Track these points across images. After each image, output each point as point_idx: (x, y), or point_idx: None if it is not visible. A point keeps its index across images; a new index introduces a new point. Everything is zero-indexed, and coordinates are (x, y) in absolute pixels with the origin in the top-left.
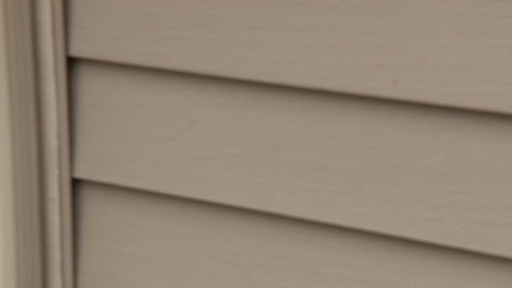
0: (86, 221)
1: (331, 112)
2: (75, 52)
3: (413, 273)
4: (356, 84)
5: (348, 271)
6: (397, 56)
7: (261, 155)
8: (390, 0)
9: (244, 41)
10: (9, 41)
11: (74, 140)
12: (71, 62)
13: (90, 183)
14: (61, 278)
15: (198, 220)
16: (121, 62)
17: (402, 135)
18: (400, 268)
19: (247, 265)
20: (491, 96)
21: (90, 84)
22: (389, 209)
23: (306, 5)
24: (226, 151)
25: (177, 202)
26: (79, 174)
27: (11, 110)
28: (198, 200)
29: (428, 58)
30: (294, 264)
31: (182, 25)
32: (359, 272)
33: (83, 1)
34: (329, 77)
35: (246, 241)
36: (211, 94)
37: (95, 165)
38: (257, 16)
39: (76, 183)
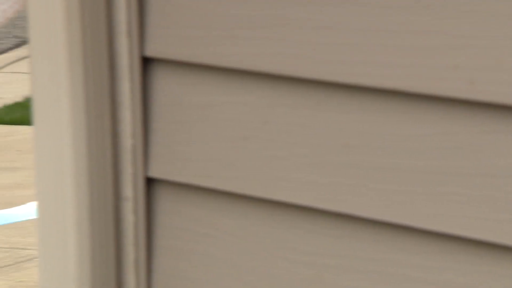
0: (160, 220)
1: (405, 113)
2: (150, 52)
3: (485, 275)
4: (431, 85)
5: (421, 273)
6: (474, 57)
7: (333, 156)
8: (463, 0)
9: (317, 41)
10: (85, 42)
11: (148, 139)
12: (146, 62)
13: (164, 182)
14: (135, 277)
15: (270, 220)
16: (195, 62)
17: (478, 136)
18: (472, 270)
19: (319, 266)
20: None
21: (164, 84)
22: (462, 211)
23: (380, 5)
24: (298, 151)
25: (250, 202)
26: (153, 173)
27: (87, 110)
28: (270, 200)
29: (506, 59)
30: (366, 265)
31: (256, 25)
32: (431, 274)
33: (158, 2)
34: (403, 78)
35: (317, 242)
36: (284, 94)
37: (169, 165)
38: (331, 17)
39: (150, 182)
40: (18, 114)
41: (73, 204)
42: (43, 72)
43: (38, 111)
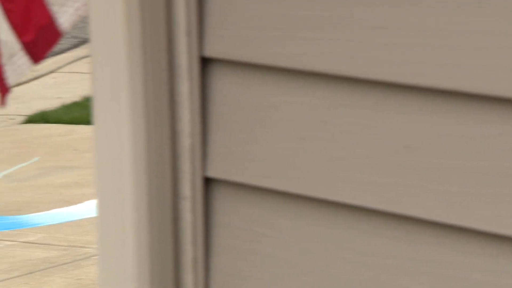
0: (218, 219)
1: (465, 114)
2: (209, 52)
3: None
4: (492, 86)
5: (483, 276)
6: None
7: (392, 156)
8: None
9: (376, 41)
10: (145, 42)
11: (206, 139)
12: (205, 62)
13: (221, 182)
14: (193, 275)
15: (328, 220)
16: (254, 63)
17: None
18: None
19: (378, 267)
20: None
21: (223, 84)
22: None
23: (440, 5)
24: (357, 152)
25: (308, 202)
26: (211, 173)
27: (146, 109)
28: (328, 200)
29: None
30: (425, 267)
31: (315, 26)
32: (495, 277)
33: (218, 2)
34: (463, 79)
35: (376, 242)
36: (343, 94)
37: (227, 164)
38: (390, 16)
39: (208, 182)
40: (76, 113)
41: (132, 203)
42: (103, 72)
43: (98, 111)
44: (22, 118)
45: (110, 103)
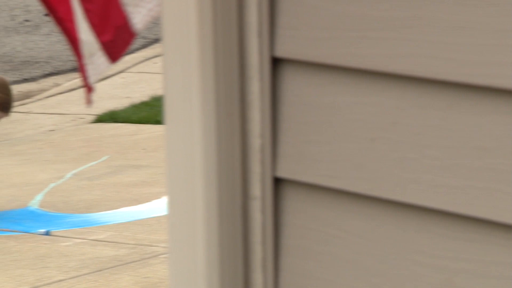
0: (287, 219)
1: None
2: (280, 52)
3: None
4: None
5: None
6: None
7: (465, 158)
8: None
9: (449, 42)
10: (216, 42)
11: (276, 139)
12: (276, 63)
13: (291, 182)
14: (262, 275)
15: (398, 222)
16: (325, 63)
17: None
18: None
19: (450, 270)
20: None
21: (294, 84)
22: None
23: None
24: (429, 153)
25: (378, 203)
26: (281, 173)
27: (217, 109)
28: (399, 202)
29: None
30: (499, 270)
31: (387, 26)
32: None
33: (289, 3)
34: None
35: (448, 245)
36: (414, 95)
37: (297, 165)
38: (464, 17)
39: (278, 182)
40: (145, 113)
41: (202, 202)
42: (175, 72)
43: (169, 110)
44: (91, 118)
45: (182, 103)
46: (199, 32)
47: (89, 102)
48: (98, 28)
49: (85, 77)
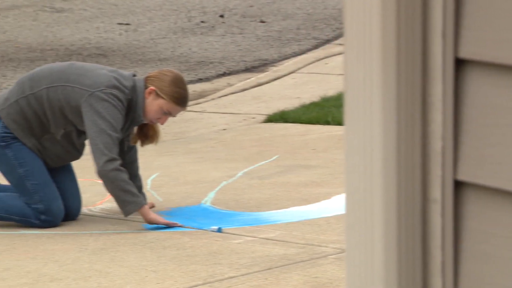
0: (467, 224)
1: None
2: (464, 54)
3: None
4: None
5: None
6: None
7: None
8: None
9: None
10: (399, 42)
11: (458, 142)
12: (459, 64)
13: (472, 186)
14: (441, 280)
15: None
16: (511, 65)
17: None
18: None
19: None
20: None
21: (477, 86)
22: None
23: None
24: None
25: None
26: (462, 176)
27: (398, 110)
28: None
29: None
30: None
31: None
32: None
33: (476, 3)
34: None
35: None
36: None
37: (478, 168)
38: None
39: (458, 185)
40: (314, 113)
41: (380, 204)
42: (356, 72)
43: (349, 110)
44: (262, 118)
45: (362, 104)
46: (381, 31)
47: None
48: None
49: None
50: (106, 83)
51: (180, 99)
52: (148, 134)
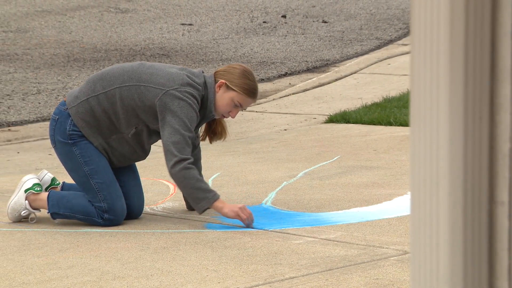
0: None
1: None
2: None
3: None
4: None
5: None
6: None
7: None
8: None
9: None
10: (467, 43)
11: None
12: None
13: None
14: (508, 284)
15: None
16: None
17: None
18: None
19: None
20: None
21: None
22: None
23: None
24: None
25: None
26: None
27: (465, 112)
28: None
29: None
30: None
31: None
32: None
33: None
34: None
35: None
36: None
37: None
38: None
39: None
40: (376, 114)
41: (446, 205)
42: (422, 73)
43: (415, 111)
44: (323, 118)
45: (428, 104)
46: (449, 32)
47: None
48: None
49: None
50: (179, 81)
51: (250, 90)
52: (216, 130)
